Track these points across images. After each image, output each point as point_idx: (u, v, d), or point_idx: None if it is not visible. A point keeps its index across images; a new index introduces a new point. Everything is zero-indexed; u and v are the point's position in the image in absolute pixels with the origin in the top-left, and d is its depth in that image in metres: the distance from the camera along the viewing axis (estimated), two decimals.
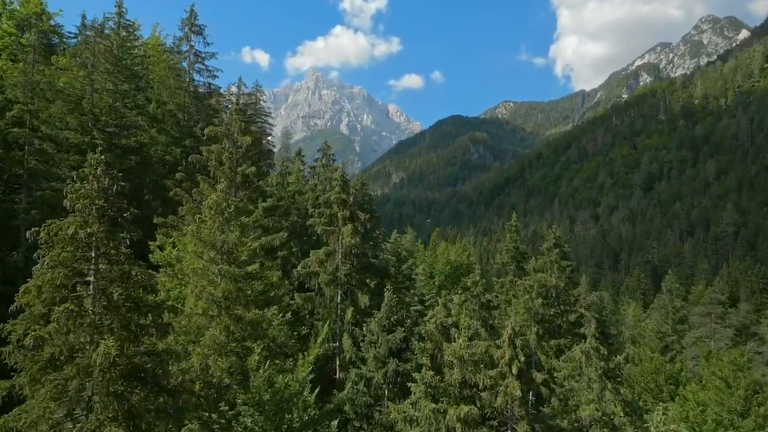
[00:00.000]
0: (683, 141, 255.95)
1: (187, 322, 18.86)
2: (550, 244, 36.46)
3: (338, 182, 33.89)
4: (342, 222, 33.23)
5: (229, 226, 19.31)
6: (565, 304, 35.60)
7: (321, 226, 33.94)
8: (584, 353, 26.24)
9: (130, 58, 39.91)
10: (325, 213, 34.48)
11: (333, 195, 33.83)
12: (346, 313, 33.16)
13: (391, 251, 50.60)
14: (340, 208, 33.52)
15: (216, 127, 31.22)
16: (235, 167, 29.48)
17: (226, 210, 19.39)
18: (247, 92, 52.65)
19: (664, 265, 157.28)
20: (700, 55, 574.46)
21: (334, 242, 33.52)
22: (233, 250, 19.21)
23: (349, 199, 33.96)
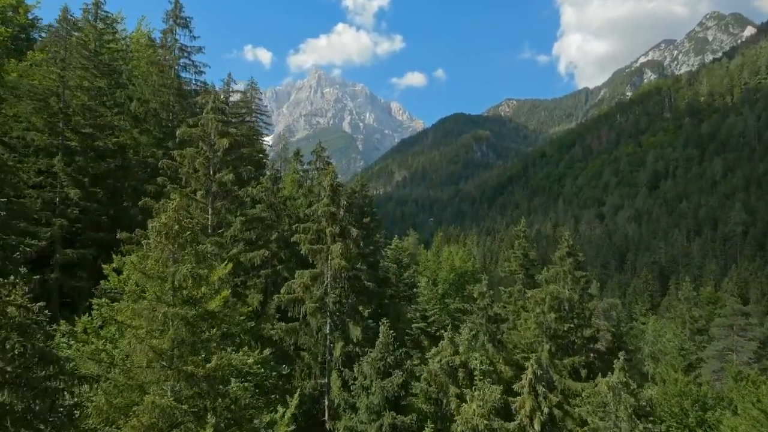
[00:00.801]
0: (689, 139, 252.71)
1: (126, 379, 14.78)
2: (563, 252, 33.74)
3: (327, 192, 29.50)
4: (331, 239, 29.04)
5: (184, 254, 15.59)
6: (579, 318, 32.90)
7: (306, 244, 29.33)
8: (611, 388, 23.35)
9: (109, 53, 37.15)
10: (311, 228, 29.81)
11: (320, 208, 29.39)
12: (335, 347, 28.85)
13: (392, 258, 48.08)
14: (328, 222, 29.39)
15: (190, 129, 27.05)
16: (211, 174, 26.26)
17: (181, 235, 15.39)
18: (238, 89, 49.93)
19: (672, 265, 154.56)
20: (704, 52, 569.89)
21: (322, 263, 29.22)
22: (187, 285, 15.23)
23: (340, 213, 29.51)
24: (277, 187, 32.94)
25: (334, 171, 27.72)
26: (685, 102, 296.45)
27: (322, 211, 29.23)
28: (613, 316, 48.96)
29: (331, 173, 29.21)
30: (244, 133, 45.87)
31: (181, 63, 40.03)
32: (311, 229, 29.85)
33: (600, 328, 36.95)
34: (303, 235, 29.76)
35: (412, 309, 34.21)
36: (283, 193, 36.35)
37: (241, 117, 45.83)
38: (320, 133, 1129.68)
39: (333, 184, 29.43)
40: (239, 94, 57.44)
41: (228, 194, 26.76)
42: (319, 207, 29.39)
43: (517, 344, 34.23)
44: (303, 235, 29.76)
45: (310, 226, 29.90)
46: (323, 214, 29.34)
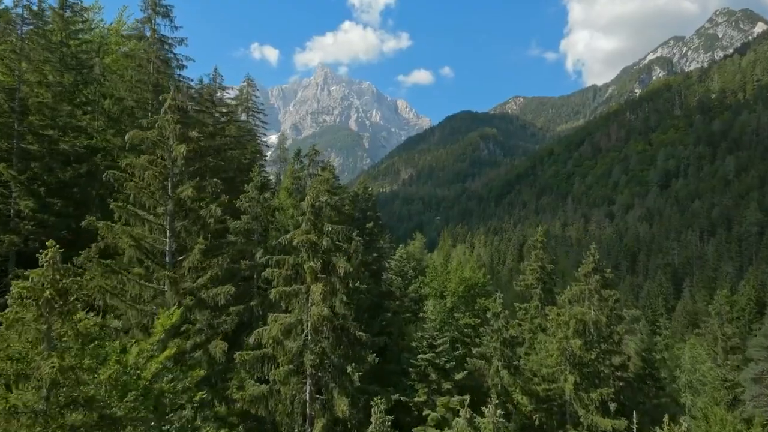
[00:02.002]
0: (700, 137, 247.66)
1: None
2: (589, 268, 30.01)
3: (307, 215, 22.86)
4: (311, 277, 22.77)
5: (61, 332, 10.68)
6: (607, 343, 29.17)
7: (280, 283, 22.76)
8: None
9: (76, 45, 33.38)
10: (287, 262, 23.09)
11: (297, 236, 22.54)
12: (316, 424, 22.20)
13: (396, 270, 44.42)
14: (308, 255, 22.83)
15: (142, 132, 21.06)
16: (169, 188, 21.02)
17: (57, 301, 10.28)
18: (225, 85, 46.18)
19: (685, 267, 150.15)
20: (714, 48, 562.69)
21: (300, 308, 22.87)
22: (68, 381, 10.05)
23: (323, 242, 22.44)
24: (264, 195, 29.03)
25: (321, 185, 22.89)
26: (696, 99, 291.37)
27: (299, 241, 22.59)
28: (635, 329, 44.86)
29: (315, 188, 23.42)
30: (234, 134, 42.38)
31: (162, 56, 36.45)
32: (287, 263, 23.20)
33: (629, 354, 33.24)
34: (276, 271, 23.18)
35: (417, 336, 30.38)
36: (277, 200, 32.65)
37: (228, 116, 42.17)
38: (327, 131, 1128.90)
39: (315, 204, 22.96)
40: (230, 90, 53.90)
41: (189, 213, 21.40)
42: (296, 235, 22.78)
43: (537, 371, 30.54)
44: (276, 271, 23.18)
45: (285, 260, 23.34)
46: (301, 243, 22.70)
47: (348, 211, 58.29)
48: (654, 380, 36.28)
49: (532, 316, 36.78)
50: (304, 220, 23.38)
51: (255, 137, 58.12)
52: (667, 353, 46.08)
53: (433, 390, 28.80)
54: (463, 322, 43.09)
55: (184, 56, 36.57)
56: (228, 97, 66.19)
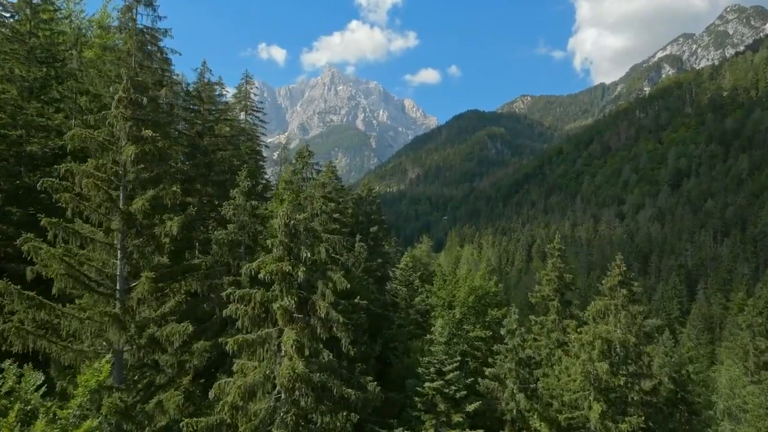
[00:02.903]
0: (712, 135, 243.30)
1: None
2: (615, 281, 26.98)
3: (279, 237, 18.40)
4: (283, 320, 18.45)
5: None
6: (636, 366, 26.18)
7: (246, 328, 18.05)
8: None
9: (45, 36, 30.49)
10: (253, 298, 18.12)
11: (267, 265, 18.09)
12: None
13: (401, 280, 41.60)
14: (281, 289, 18.46)
15: (85, 131, 17.24)
16: (119, 199, 17.24)
17: None
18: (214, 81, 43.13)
19: (699, 268, 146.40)
20: (725, 45, 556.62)
21: (270, 360, 18.53)
22: None
23: (298, 272, 17.85)
24: (251, 202, 26.10)
25: (287, 208, 19.10)
26: (707, 97, 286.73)
27: (267, 272, 17.94)
28: (657, 340, 41.40)
29: (286, 208, 18.66)
30: (226, 134, 39.63)
31: (146, 49, 33.55)
32: (253, 299, 18.07)
33: (660, 377, 30.16)
34: (242, 308, 18.12)
35: (424, 361, 27.36)
36: (269, 207, 29.71)
37: (218, 114, 39.32)
38: (334, 130, 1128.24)
39: (290, 223, 18.27)
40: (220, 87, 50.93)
41: (141, 231, 17.49)
42: (265, 264, 18.11)
43: (557, 396, 27.61)
44: (242, 308, 18.12)
45: (251, 295, 18.11)
46: (272, 273, 17.97)
47: (351, 213, 55.64)
48: (687, 405, 33.15)
49: (549, 330, 33.78)
50: (274, 244, 19.06)
51: (255, 137, 55.42)
52: (691, 366, 42.85)
53: (441, 422, 25.73)
54: (474, 335, 40.23)
55: (170, 49, 33.98)
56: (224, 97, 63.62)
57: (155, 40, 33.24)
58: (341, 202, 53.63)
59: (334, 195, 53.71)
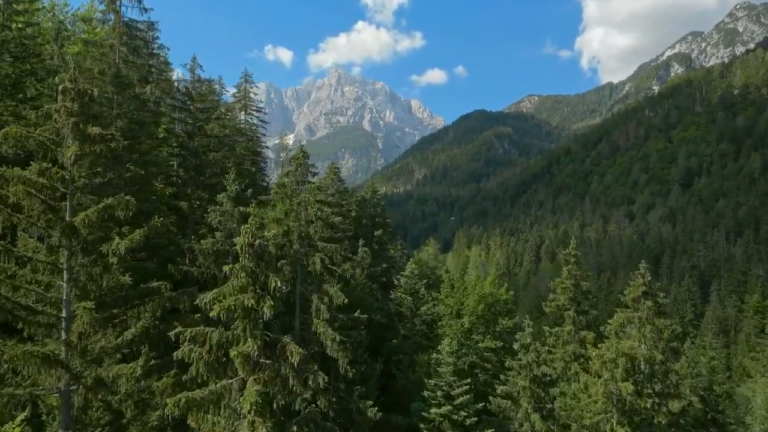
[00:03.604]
0: (723, 133, 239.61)
1: None
2: (638, 292, 24.64)
3: (242, 262, 15.06)
4: (244, 368, 15.09)
5: None
6: (662, 384, 23.88)
7: (184, 395, 14.29)
8: None
9: (18, 30, 28.31)
10: (207, 339, 14.83)
11: (227, 296, 14.89)
12: None
13: (405, 288, 39.44)
14: (243, 329, 15.12)
15: (21, 129, 14.56)
16: (58, 212, 14.48)
17: None
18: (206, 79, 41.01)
19: (712, 270, 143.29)
20: (735, 43, 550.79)
21: (227, 421, 15.06)
22: None
23: (263, 309, 14.59)
24: (239, 208, 23.89)
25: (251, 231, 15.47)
26: (717, 95, 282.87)
27: (224, 307, 14.44)
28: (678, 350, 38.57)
29: (250, 224, 15.30)
30: (218, 134, 37.56)
31: (131, 44, 31.47)
32: (208, 341, 14.70)
33: (689, 397, 27.87)
34: (196, 350, 14.69)
35: (431, 384, 25.17)
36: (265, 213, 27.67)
37: (208, 113, 37.12)
38: (340, 131, 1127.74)
39: (254, 243, 14.82)
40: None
41: (87, 248, 14.82)
42: (225, 294, 14.76)
43: (576, 418, 25.28)
44: (196, 350, 14.69)
45: (206, 335, 14.74)
46: (233, 310, 14.55)
47: (355, 216, 53.54)
48: (717, 426, 30.78)
49: (565, 342, 31.54)
50: (235, 271, 15.45)
51: (255, 138, 53.41)
52: (714, 376, 40.42)
53: None
54: (484, 346, 38.02)
55: (157, 43, 31.95)
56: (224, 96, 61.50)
57: (141, 34, 31.27)
58: (344, 205, 51.56)
59: (337, 197, 51.74)
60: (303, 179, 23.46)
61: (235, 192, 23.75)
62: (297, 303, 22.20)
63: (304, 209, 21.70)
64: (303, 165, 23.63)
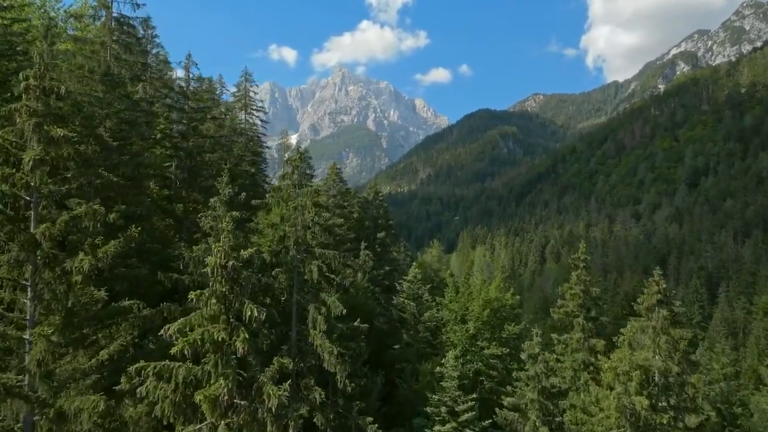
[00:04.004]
0: (730, 132, 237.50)
1: None
2: (653, 301, 23.38)
3: (213, 286, 13.15)
4: (213, 412, 13.51)
5: None
6: (679, 397, 22.66)
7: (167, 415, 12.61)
8: None
9: (2, 26, 27.16)
10: (173, 375, 12.84)
11: (195, 326, 13.02)
12: None
13: (408, 293, 38.28)
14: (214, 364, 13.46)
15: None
16: (18, 223, 13.14)
17: None
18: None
19: (720, 271, 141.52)
20: (741, 42, 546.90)
21: None
22: None
23: (236, 343, 12.70)
24: (232, 213, 22.64)
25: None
26: (724, 93, 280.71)
27: (190, 341, 12.60)
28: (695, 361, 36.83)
29: (223, 243, 13.31)
30: (212, 135, 36.44)
31: (123, 41, 30.26)
32: (174, 378, 12.57)
33: (707, 411, 26.68)
34: (161, 387, 12.66)
35: (434, 400, 24.05)
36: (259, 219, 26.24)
37: (202, 113, 35.90)
38: (344, 131, 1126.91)
39: (229, 265, 12.86)
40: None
41: (50, 263, 13.14)
42: (192, 324, 12.72)
43: (585, 431, 24.12)
44: (161, 387, 12.66)
45: (171, 370, 12.73)
46: (201, 344, 12.66)
47: (357, 218, 52.45)
48: None
49: (574, 350, 30.37)
50: (204, 298, 13.43)
51: (255, 138, 52.36)
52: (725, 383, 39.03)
53: None
54: (489, 352, 36.86)
55: (151, 40, 30.84)
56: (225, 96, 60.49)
57: (134, 31, 30.18)
58: (346, 206, 50.46)
59: (339, 198, 50.65)
60: (300, 182, 22.31)
61: (228, 196, 22.55)
62: (293, 312, 21.12)
63: (301, 214, 20.60)
64: (300, 167, 22.50)
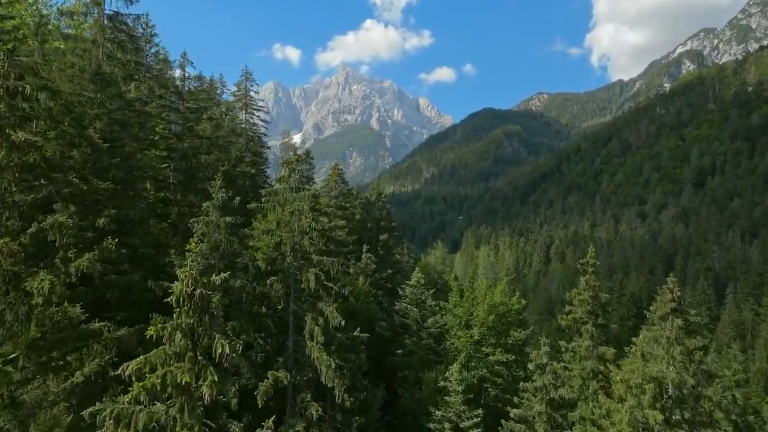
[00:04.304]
0: (737, 131, 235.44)
1: None
2: (667, 309, 22.25)
3: (182, 318, 11.49)
4: None
5: None
6: (693, 411, 21.60)
7: None
8: None
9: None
10: (133, 420, 11.10)
11: (158, 371, 11.21)
12: None
13: (411, 299, 37.27)
14: (180, 409, 11.70)
15: None
16: None
17: None
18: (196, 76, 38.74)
19: (728, 272, 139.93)
20: (748, 40, 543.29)
21: None
22: None
23: (204, 387, 10.94)
24: (225, 219, 21.48)
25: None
26: (731, 92, 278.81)
27: (150, 387, 11.02)
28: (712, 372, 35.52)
29: (190, 266, 11.83)
30: (209, 135, 35.38)
31: (116, 39, 29.28)
32: (134, 423, 11.06)
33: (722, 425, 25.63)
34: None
35: (437, 416, 23.05)
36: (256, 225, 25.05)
37: (198, 113, 34.79)
38: (348, 130, 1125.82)
39: (197, 293, 11.31)
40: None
41: (10, 284, 11.90)
42: (152, 363, 11.22)
43: None
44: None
45: (131, 415, 11.24)
46: (162, 388, 11.13)
47: (359, 219, 51.46)
48: None
49: (582, 357, 29.34)
50: (167, 332, 11.61)
51: (255, 138, 51.37)
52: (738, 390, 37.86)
53: None
54: (495, 359, 35.82)
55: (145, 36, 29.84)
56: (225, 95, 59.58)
57: (127, 28, 29.20)
58: (348, 208, 49.46)
59: (341, 199, 49.63)
60: (297, 185, 21.29)
61: (221, 200, 21.44)
62: (290, 322, 20.15)
63: (298, 219, 19.63)
64: (297, 170, 21.48)
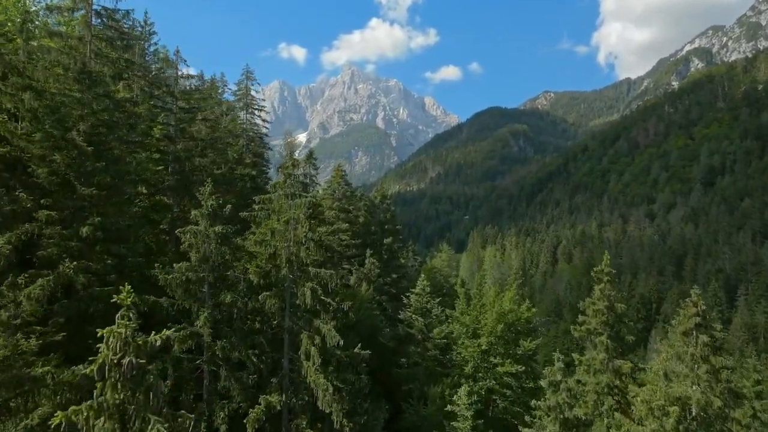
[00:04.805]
0: (747, 130, 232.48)
1: None
2: (691, 324, 20.61)
3: (108, 403, 8.90)
4: None
5: None
6: None
7: None
8: None
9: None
10: None
11: None
12: None
13: (415, 307, 35.76)
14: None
15: None
16: None
17: None
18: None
19: (739, 273, 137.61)
20: (757, 37, 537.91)
21: None
22: None
23: None
24: (215, 228, 20.10)
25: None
26: (741, 90, 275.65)
27: None
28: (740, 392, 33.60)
29: (118, 333, 9.81)
30: (204, 137, 33.97)
31: (105, 36, 27.86)
32: None
33: None
34: None
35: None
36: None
37: (192, 113, 33.31)
38: (354, 129, 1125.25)
39: (126, 362, 9.38)
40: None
41: None
42: None
43: None
44: None
45: None
46: None
47: (363, 222, 50.01)
48: None
49: (597, 371, 27.78)
50: (80, 419, 9.61)
51: (256, 138, 50.02)
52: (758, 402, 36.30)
53: None
54: (503, 370, 34.32)
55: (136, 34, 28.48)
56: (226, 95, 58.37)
57: (117, 24, 27.82)
58: (351, 210, 48.02)
59: (344, 201, 48.19)
60: (294, 192, 19.83)
61: (211, 208, 19.92)
62: (285, 340, 18.70)
63: (294, 228, 18.22)
64: (294, 175, 20.02)
